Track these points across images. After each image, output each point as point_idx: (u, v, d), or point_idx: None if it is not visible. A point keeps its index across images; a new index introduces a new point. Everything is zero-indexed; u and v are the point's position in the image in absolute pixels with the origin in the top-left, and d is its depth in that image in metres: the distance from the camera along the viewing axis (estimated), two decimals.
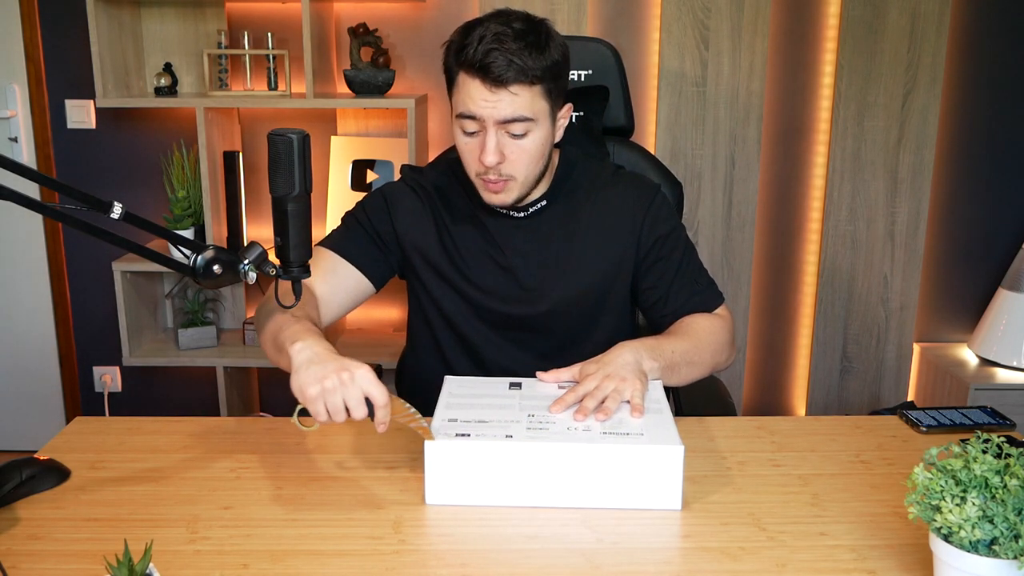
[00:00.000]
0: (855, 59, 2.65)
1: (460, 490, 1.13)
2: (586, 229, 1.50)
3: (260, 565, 1.01)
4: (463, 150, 1.40)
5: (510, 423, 1.17)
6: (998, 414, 1.43)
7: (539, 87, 1.34)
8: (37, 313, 2.97)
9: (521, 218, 1.49)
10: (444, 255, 1.51)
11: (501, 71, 1.30)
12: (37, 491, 1.16)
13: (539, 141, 1.38)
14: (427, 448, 1.12)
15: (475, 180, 1.42)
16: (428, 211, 1.52)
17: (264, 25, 2.73)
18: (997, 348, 2.70)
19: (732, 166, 2.73)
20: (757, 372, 2.96)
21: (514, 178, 1.39)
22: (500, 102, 1.32)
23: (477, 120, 1.34)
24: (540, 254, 1.49)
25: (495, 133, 1.34)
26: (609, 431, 1.16)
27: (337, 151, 2.76)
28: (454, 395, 1.28)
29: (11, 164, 1.00)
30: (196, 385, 2.99)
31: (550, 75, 1.35)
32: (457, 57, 1.35)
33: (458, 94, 1.37)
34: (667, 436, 1.15)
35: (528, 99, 1.33)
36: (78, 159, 2.85)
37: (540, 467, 1.12)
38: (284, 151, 1.15)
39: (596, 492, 1.13)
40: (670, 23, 2.64)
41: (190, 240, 1.14)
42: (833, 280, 2.81)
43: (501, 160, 1.36)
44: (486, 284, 1.50)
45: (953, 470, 0.92)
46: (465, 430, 1.15)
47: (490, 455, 1.12)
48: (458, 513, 1.12)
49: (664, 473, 1.12)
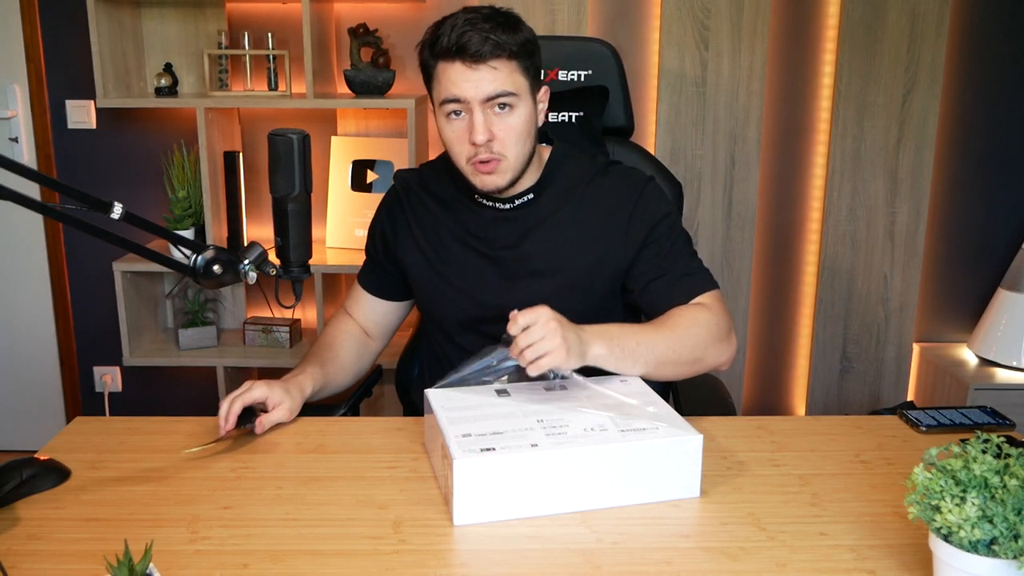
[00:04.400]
0: (855, 59, 2.65)
1: (489, 507, 1.09)
2: (572, 223, 1.49)
3: (260, 565, 1.01)
4: (451, 139, 1.41)
5: (527, 431, 1.15)
6: (998, 414, 1.43)
7: (516, 63, 1.38)
8: (37, 313, 2.97)
9: (507, 210, 1.49)
10: (424, 252, 1.53)
11: (478, 47, 1.34)
12: (37, 491, 1.16)
13: (524, 118, 1.40)
14: (456, 466, 1.07)
15: (466, 168, 1.42)
16: (409, 211, 1.55)
17: (264, 25, 2.73)
18: (997, 348, 2.70)
19: (732, 166, 2.73)
20: (757, 372, 2.96)
21: (505, 156, 1.40)
22: (482, 80, 1.35)
23: (462, 102, 1.37)
24: (524, 247, 1.48)
25: (481, 112, 1.37)
26: (625, 428, 1.16)
27: (337, 151, 2.77)
28: (449, 409, 1.22)
29: (11, 164, 1.00)
30: (196, 385, 2.99)
31: (524, 52, 1.39)
32: (432, 49, 1.38)
33: (439, 84, 1.39)
34: (682, 427, 1.17)
35: (507, 73, 1.37)
36: (78, 159, 2.85)
37: (567, 472, 1.11)
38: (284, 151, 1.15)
39: (618, 490, 1.13)
40: (670, 23, 2.64)
41: (190, 240, 1.14)
42: (833, 280, 2.81)
43: (491, 138, 1.38)
44: (468, 275, 1.50)
45: (953, 470, 0.92)
46: (488, 444, 1.11)
47: (519, 466, 1.09)
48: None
49: (684, 463, 1.14)
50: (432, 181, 1.56)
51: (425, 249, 1.52)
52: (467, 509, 1.08)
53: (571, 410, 1.22)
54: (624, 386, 1.31)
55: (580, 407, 1.23)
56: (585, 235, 1.48)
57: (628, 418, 1.19)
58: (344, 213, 2.76)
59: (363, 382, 1.66)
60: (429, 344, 1.63)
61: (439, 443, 1.17)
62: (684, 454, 1.14)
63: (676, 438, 1.14)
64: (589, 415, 1.20)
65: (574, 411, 1.22)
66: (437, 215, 1.53)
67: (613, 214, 1.48)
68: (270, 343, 2.75)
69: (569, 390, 1.30)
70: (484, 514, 1.09)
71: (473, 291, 1.50)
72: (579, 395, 1.28)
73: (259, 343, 2.76)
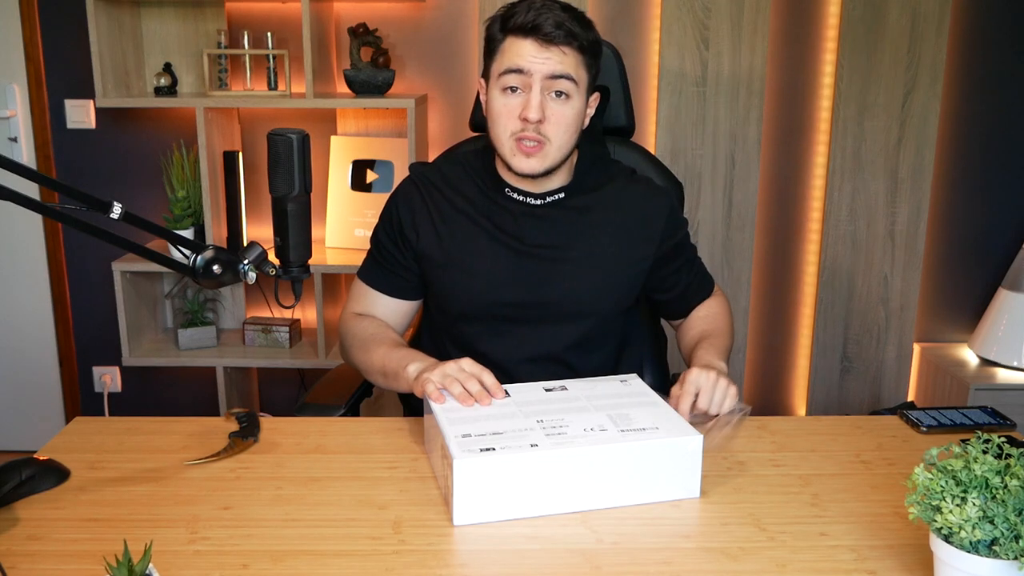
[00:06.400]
0: (855, 59, 2.65)
1: (489, 507, 1.09)
2: (602, 223, 1.52)
3: (260, 565, 1.01)
4: (500, 112, 1.41)
5: (526, 432, 1.15)
6: (998, 414, 1.43)
7: (582, 57, 1.40)
8: (37, 313, 2.97)
9: (537, 205, 1.50)
10: (445, 245, 1.51)
11: (552, 30, 1.36)
12: (37, 491, 1.16)
13: (576, 110, 1.42)
14: (456, 467, 1.07)
15: (507, 144, 1.42)
16: (430, 203, 1.53)
17: (264, 25, 2.73)
18: (997, 348, 2.70)
19: (732, 166, 2.73)
20: (757, 372, 2.96)
21: (550, 141, 1.41)
22: (550, 59, 1.38)
23: (524, 74, 1.38)
24: (553, 244, 1.50)
25: (539, 90, 1.38)
26: (625, 428, 1.16)
27: (337, 151, 2.76)
28: (449, 409, 1.22)
29: (11, 164, 1.00)
30: (196, 385, 2.99)
31: (591, 50, 1.42)
32: (504, 24, 1.40)
33: (503, 56, 1.40)
34: (681, 427, 1.17)
35: (574, 62, 1.39)
36: (78, 159, 2.85)
37: (567, 472, 1.11)
38: (284, 151, 1.15)
39: (618, 490, 1.13)
40: (670, 23, 2.64)
41: (190, 240, 1.14)
42: (833, 280, 2.81)
43: (542, 119, 1.39)
44: (494, 271, 1.50)
45: (953, 470, 0.92)
46: (487, 444, 1.10)
47: (519, 466, 1.09)
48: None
49: (684, 463, 1.15)
50: (453, 176, 1.55)
51: (447, 242, 1.51)
52: (467, 509, 1.08)
53: (571, 410, 1.22)
54: (624, 386, 1.32)
55: (580, 407, 1.23)
56: (615, 235, 1.52)
57: (628, 418, 1.19)
58: (344, 213, 2.76)
59: (363, 382, 1.65)
60: (431, 343, 1.62)
61: (439, 443, 1.16)
62: (684, 454, 1.14)
63: (676, 438, 1.14)
64: (589, 415, 1.20)
65: (574, 411, 1.22)
66: (461, 209, 1.52)
67: (644, 223, 1.54)
68: (270, 343, 2.75)
69: (569, 390, 1.30)
70: (484, 514, 1.09)
71: (499, 285, 1.50)
72: (579, 395, 1.28)
73: (259, 343, 2.76)
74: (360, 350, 1.50)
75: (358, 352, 1.50)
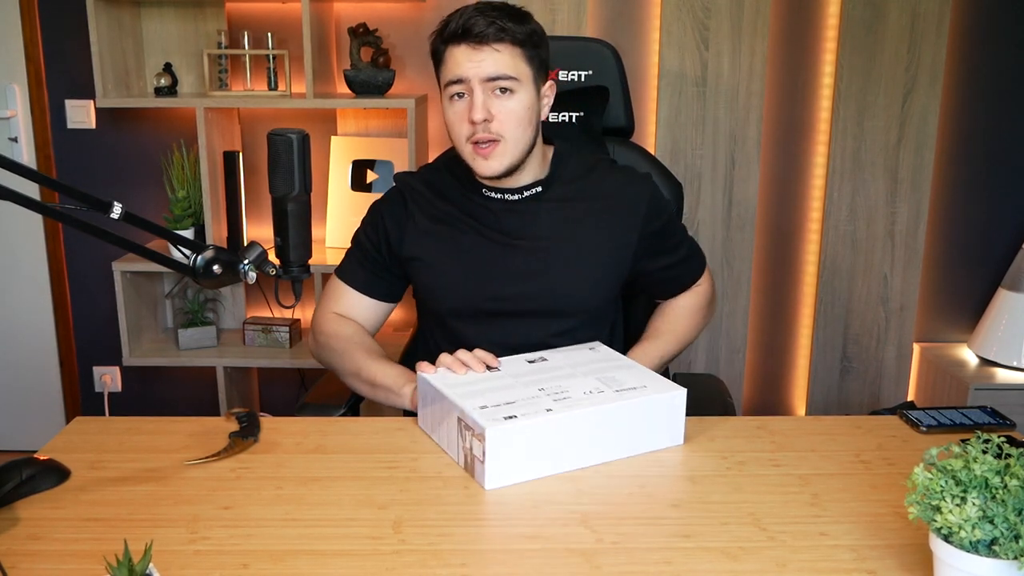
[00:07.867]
0: (855, 59, 2.65)
1: (515, 470, 1.18)
2: (583, 212, 1.53)
3: (260, 565, 1.01)
4: (453, 121, 1.45)
5: (534, 399, 1.24)
6: (998, 414, 1.43)
7: (520, 50, 1.42)
8: (37, 313, 2.97)
9: (515, 201, 1.52)
10: (432, 244, 1.54)
11: (482, 29, 1.39)
12: (37, 491, 1.16)
13: (524, 104, 1.44)
14: (489, 435, 1.15)
15: (466, 150, 1.46)
16: (415, 208, 1.56)
17: (264, 25, 2.73)
18: (997, 348, 2.70)
19: (732, 166, 2.73)
20: (757, 372, 2.96)
21: (504, 138, 1.43)
22: (484, 61, 1.40)
23: (464, 83, 1.41)
24: (537, 236, 1.52)
25: (481, 91, 1.40)
26: (619, 389, 1.28)
27: (337, 151, 2.76)
28: (453, 386, 1.28)
29: (11, 164, 1.00)
30: (196, 385, 2.99)
31: (530, 42, 1.43)
32: (441, 35, 1.44)
33: (445, 68, 1.44)
34: (664, 384, 1.30)
35: (510, 58, 1.41)
36: (78, 159, 2.85)
37: (576, 433, 1.21)
38: (284, 151, 1.15)
39: (622, 443, 1.25)
40: (670, 23, 2.64)
41: (190, 240, 1.14)
42: (833, 280, 2.81)
43: (489, 118, 1.41)
44: (480, 265, 1.52)
45: (953, 470, 0.92)
46: (508, 413, 1.19)
47: (540, 430, 1.18)
48: (458, 513, 1.12)
49: (670, 416, 1.29)
50: (436, 180, 1.58)
51: (437, 243, 1.54)
52: (497, 474, 1.17)
53: (563, 378, 1.32)
54: (595, 353, 1.45)
55: (568, 374, 1.33)
56: (598, 224, 1.53)
57: (616, 380, 1.32)
58: (344, 213, 2.76)
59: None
60: (429, 344, 1.63)
61: (453, 418, 1.23)
62: (672, 407, 1.29)
63: (666, 393, 1.28)
64: (581, 380, 1.31)
65: (566, 378, 1.32)
66: (446, 211, 1.55)
67: (625, 211, 1.54)
68: (270, 343, 2.75)
69: (549, 360, 1.40)
70: (511, 477, 1.18)
71: (486, 278, 1.52)
72: (562, 364, 1.38)
73: (259, 343, 2.76)
74: (343, 355, 1.54)
75: (338, 356, 1.55)
